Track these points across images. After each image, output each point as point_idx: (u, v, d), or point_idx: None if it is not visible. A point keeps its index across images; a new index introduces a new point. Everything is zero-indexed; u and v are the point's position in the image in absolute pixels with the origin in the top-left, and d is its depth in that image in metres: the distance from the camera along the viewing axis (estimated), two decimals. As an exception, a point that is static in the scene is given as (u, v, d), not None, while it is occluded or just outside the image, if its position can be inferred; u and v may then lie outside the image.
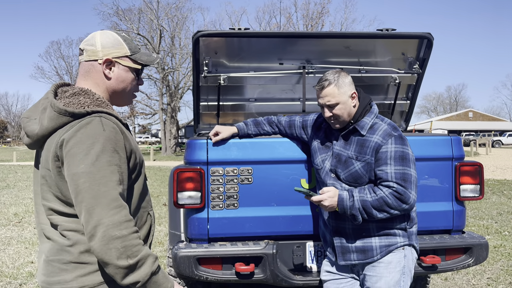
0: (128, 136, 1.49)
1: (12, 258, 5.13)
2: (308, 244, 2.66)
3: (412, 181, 2.09)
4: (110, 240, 1.29)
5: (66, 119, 1.41)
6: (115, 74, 1.55)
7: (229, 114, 4.13)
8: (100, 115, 1.43)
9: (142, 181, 1.57)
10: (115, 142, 1.39)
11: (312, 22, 37.33)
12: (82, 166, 1.33)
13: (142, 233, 1.56)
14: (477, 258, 2.70)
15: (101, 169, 1.34)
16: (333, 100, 2.14)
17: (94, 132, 1.37)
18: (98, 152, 1.34)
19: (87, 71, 1.54)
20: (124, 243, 1.31)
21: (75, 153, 1.35)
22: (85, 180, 1.33)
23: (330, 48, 3.58)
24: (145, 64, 1.61)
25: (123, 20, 34.70)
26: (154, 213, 1.69)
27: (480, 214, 7.73)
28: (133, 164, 1.49)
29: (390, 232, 2.18)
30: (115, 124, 1.44)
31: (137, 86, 1.64)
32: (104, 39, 1.54)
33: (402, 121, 4.16)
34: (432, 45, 3.36)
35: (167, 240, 5.79)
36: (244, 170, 2.61)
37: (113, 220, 1.31)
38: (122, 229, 1.31)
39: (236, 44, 3.47)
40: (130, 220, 1.35)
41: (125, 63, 1.56)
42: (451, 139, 2.75)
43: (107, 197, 1.32)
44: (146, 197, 1.60)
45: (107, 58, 1.53)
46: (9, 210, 8.33)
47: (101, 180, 1.33)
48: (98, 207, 1.31)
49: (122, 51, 1.55)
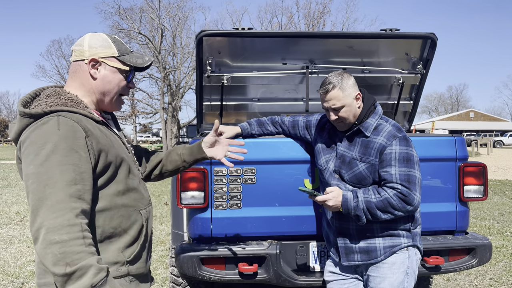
0: (96, 134, 1.44)
1: (14, 257, 5.13)
2: (312, 245, 2.66)
3: (416, 182, 2.08)
4: (48, 244, 1.22)
5: (27, 121, 1.40)
6: (101, 74, 1.54)
7: (232, 114, 4.12)
8: (59, 114, 1.39)
9: (123, 179, 1.52)
10: (73, 141, 1.35)
11: (314, 21, 37.29)
12: (31, 167, 1.31)
13: (131, 233, 1.53)
14: (481, 259, 2.70)
15: (49, 170, 1.29)
16: (338, 104, 2.13)
17: (47, 132, 1.34)
18: (49, 152, 1.31)
19: (74, 71, 1.55)
20: (63, 248, 1.22)
21: (28, 153, 1.33)
22: (33, 181, 1.29)
23: (333, 48, 3.57)
24: (135, 67, 1.59)
25: (124, 19, 34.69)
26: (150, 212, 1.65)
27: (482, 214, 7.72)
28: (104, 163, 1.44)
29: (394, 233, 2.17)
30: (77, 121, 1.39)
31: (126, 89, 1.61)
32: (92, 39, 1.55)
33: (406, 122, 4.16)
34: (436, 45, 3.35)
35: (169, 239, 5.79)
36: (248, 170, 2.60)
37: (54, 224, 1.24)
38: (62, 233, 1.23)
39: (240, 44, 3.46)
40: (75, 225, 1.26)
41: (112, 64, 1.54)
42: (455, 140, 2.74)
43: (52, 199, 1.26)
44: (133, 195, 1.55)
45: (93, 58, 1.52)
46: (11, 209, 8.34)
47: (48, 181, 1.28)
48: (42, 209, 1.26)
49: (109, 51, 1.54)
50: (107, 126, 1.57)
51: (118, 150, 1.53)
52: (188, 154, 1.94)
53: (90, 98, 1.56)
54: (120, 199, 1.50)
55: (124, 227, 1.51)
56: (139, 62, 1.60)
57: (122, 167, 1.52)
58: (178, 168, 1.95)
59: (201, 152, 1.93)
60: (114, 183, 1.49)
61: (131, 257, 1.53)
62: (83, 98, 1.54)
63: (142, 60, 1.61)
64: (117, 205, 1.49)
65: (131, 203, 1.54)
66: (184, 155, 1.94)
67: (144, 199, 1.62)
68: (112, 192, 1.48)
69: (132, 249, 1.54)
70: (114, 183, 1.49)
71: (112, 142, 1.52)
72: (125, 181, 1.53)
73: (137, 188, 1.60)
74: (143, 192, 1.64)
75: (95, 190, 1.42)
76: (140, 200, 1.59)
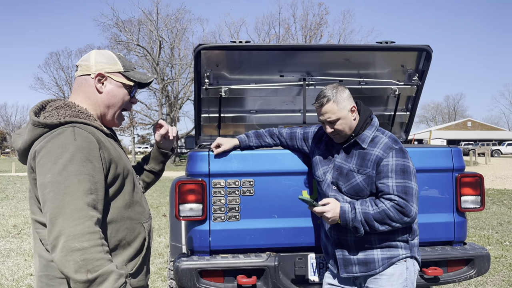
0: (107, 146, 1.48)
1: (12, 271, 5.10)
2: (310, 256, 2.66)
3: (413, 194, 2.10)
4: (69, 252, 1.24)
5: (41, 131, 1.43)
6: (107, 88, 1.58)
7: (230, 126, 4.15)
8: (74, 125, 1.43)
9: (130, 191, 1.55)
10: (88, 151, 1.38)
11: (311, 32, 37.64)
12: (48, 176, 1.33)
13: (135, 246, 1.54)
14: (479, 269, 2.70)
15: (67, 179, 1.31)
16: (333, 117, 2.15)
17: (64, 142, 1.37)
18: (66, 162, 1.33)
19: (79, 85, 1.58)
20: (84, 256, 1.25)
21: (44, 163, 1.35)
22: (50, 190, 1.31)
23: (330, 60, 3.61)
24: (139, 82, 1.64)
25: (123, 31, 34.96)
26: (151, 225, 1.67)
27: (480, 224, 7.72)
28: (113, 174, 1.47)
29: (392, 244, 2.18)
30: (91, 133, 1.43)
31: (129, 104, 1.66)
32: (99, 55, 1.59)
33: (402, 132, 4.19)
34: (431, 57, 3.39)
35: (167, 251, 5.76)
36: (246, 182, 2.61)
37: (74, 231, 1.26)
38: (83, 241, 1.25)
39: (237, 56, 3.50)
40: (94, 232, 1.29)
41: (117, 79, 1.59)
42: (451, 151, 2.76)
43: (70, 207, 1.28)
44: (137, 208, 1.58)
45: (99, 73, 1.56)
46: (8, 221, 8.30)
47: (66, 189, 1.30)
48: (61, 217, 1.27)
49: (115, 67, 1.59)
50: (114, 139, 1.62)
51: (125, 162, 1.57)
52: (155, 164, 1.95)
53: (95, 111, 1.59)
54: (126, 212, 1.53)
55: (129, 240, 1.53)
56: (143, 78, 1.65)
57: (128, 179, 1.56)
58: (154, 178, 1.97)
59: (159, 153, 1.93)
60: (121, 194, 1.52)
61: (133, 269, 1.54)
62: (90, 111, 1.57)
63: (145, 76, 1.67)
64: (123, 217, 1.51)
65: (135, 216, 1.57)
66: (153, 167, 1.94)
67: (145, 212, 1.64)
68: (120, 204, 1.51)
69: (134, 262, 1.55)
70: (122, 194, 1.52)
71: (120, 154, 1.56)
72: (131, 193, 1.56)
73: (140, 201, 1.62)
74: (144, 205, 1.66)
75: (105, 201, 1.44)
76: (143, 213, 1.62)
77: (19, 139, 1.51)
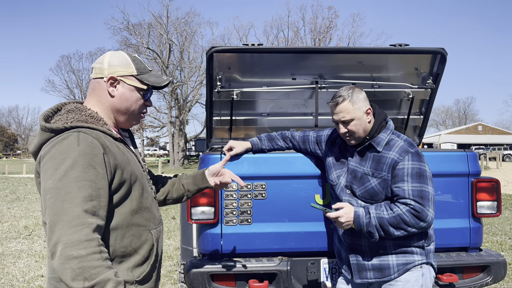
0: (114, 151, 1.46)
1: (23, 272, 5.12)
2: (323, 261, 2.63)
3: (429, 198, 2.06)
4: (66, 259, 1.24)
5: (47, 135, 1.42)
6: (119, 92, 1.56)
7: (241, 129, 4.14)
8: (79, 130, 1.42)
9: (137, 197, 1.53)
10: (91, 157, 1.36)
11: (320, 36, 37.56)
12: (50, 182, 1.32)
13: (142, 253, 1.52)
14: (495, 276, 2.65)
15: (67, 185, 1.30)
16: (348, 116, 2.13)
17: (67, 148, 1.36)
18: (67, 168, 1.32)
19: (93, 88, 1.58)
20: (81, 263, 1.23)
21: (47, 168, 1.35)
22: (51, 196, 1.31)
23: (343, 63, 3.59)
24: (153, 85, 1.62)
25: (133, 35, 35.25)
26: (161, 232, 1.65)
27: (493, 229, 7.60)
28: (119, 180, 1.45)
29: (408, 250, 2.14)
30: (96, 138, 1.42)
31: (143, 107, 1.64)
32: (112, 58, 1.58)
33: (416, 136, 4.14)
34: (445, 60, 3.35)
35: (176, 254, 5.76)
36: (258, 186, 2.60)
37: (72, 239, 1.25)
38: (80, 248, 1.24)
39: (249, 59, 3.49)
40: (92, 240, 1.27)
41: (130, 82, 1.57)
42: (467, 155, 2.72)
43: (69, 214, 1.27)
44: (145, 214, 1.56)
45: (111, 76, 1.55)
46: (19, 223, 8.37)
47: (65, 196, 1.29)
48: (59, 224, 1.27)
49: (128, 70, 1.57)
50: (124, 143, 1.59)
51: (133, 168, 1.54)
52: (191, 184, 2.00)
53: (108, 115, 1.58)
54: (132, 218, 1.51)
55: (135, 247, 1.51)
56: (157, 81, 1.63)
57: (136, 185, 1.53)
58: (182, 197, 2.00)
59: (204, 182, 2.00)
60: (128, 200, 1.50)
61: (141, 277, 1.52)
62: (101, 114, 1.56)
63: (160, 79, 1.64)
64: (129, 224, 1.49)
65: (143, 223, 1.54)
66: (188, 185, 1.99)
67: (155, 218, 1.62)
68: (126, 210, 1.49)
69: (142, 269, 1.53)
70: (128, 200, 1.50)
71: (128, 159, 1.54)
72: (139, 199, 1.54)
73: (150, 207, 1.60)
74: (154, 211, 1.64)
75: (110, 208, 1.43)
76: (152, 220, 1.59)
77: (32, 141, 1.51)
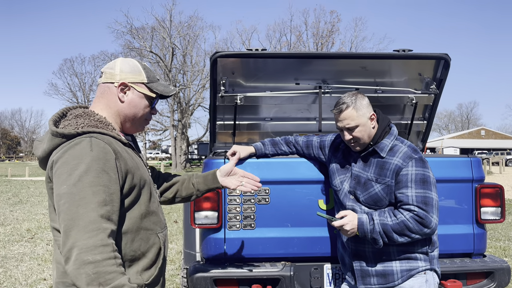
0: (124, 156, 1.47)
1: (25, 275, 5.13)
2: (326, 267, 2.62)
3: (433, 204, 2.06)
4: (81, 264, 1.24)
5: (59, 141, 1.43)
6: (128, 98, 1.58)
7: (244, 133, 4.14)
8: (91, 135, 1.43)
9: (146, 201, 1.54)
10: (104, 162, 1.38)
11: (322, 40, 37.66)
12: (64, 187, 1.33)
13: (150, 257, 1.54)
14: (499, 283, 2.64)
15: (82, 190, 1.31)
16: (352, 123, 2.13)
17: (80, 153, 1.37)
18: (82, 173, 1.33)
19: (102, 92, 1.59)
20: (97, 269, 1.24)
21: (60, 173, 1.35)
22: (65, 201, 1.31)
23: (346, 68, 3.59)
24: (160, 95, 1.64)
25: (136, 38, 35.39)
26: (166, 235, 1.66)
27: (496, 235, 7.57)
28: (130, 185, 1.47)
29: (411, 256, 2.14)
30: (108, 143, 1.43)
31: (149, 114, 1.67)
32: (124, 64, 1.60)
33: (419, 141, 4.13)
34: (449, 65, 3.35)
35: (179, 258, 5.75)
36: (262, 190, 2.60)
37: (87, 244, 1.26)
38: (96, 254, 1.25)
39: (253, 64, 3.50)
40: (107, 245, 1.29)
41: (140, 90, 1.59)
42: (471, 161, 2.71)
43: (84, 219, 1.28)
44: (152, 218, 1.57)
45: (122, 82, 1.57)
46: (22, 225, 8.37)
47: (80, 201, 1.30)
48: (74, 229, 1.27)
49: (139, 77, 1.59)
50: (132, 148, 1.61)
51: (142, 173, 1.56)
52: (202, 183, 2.01)
53: (115, 120, 1.60)
54: (142, 222, 1.52)
55: (143, 250, 1.52)
56: (165, 90, 1.66)
57: (145, 189, 1.55)
58: (192, 195, 2.02)
59: (215, 182, 2.02)
60: (138, 205, 1.51)
61: (150, 280, 1.53)
62: (109, 119, 1.58)
63: (168, 89, 1.67)
64: (139, 228, 1.51)
65: (150, 226, 1.56)
66: (198, 184, 2.00)
67: (161, 222, 1.64)
68: (136, 215, 1.50)
69: (150, 272, 1.55)
70: (138, 205, 1.51)
71: (137, 164, 1.55)
72: (147, 203, 1.55)
73: (156, 211, 1.62)
74: (160, 215, 1.65)
75: (121, 212, 1.44)
76: (158, 224, 1.61)
77: (39, 146, 1.51)
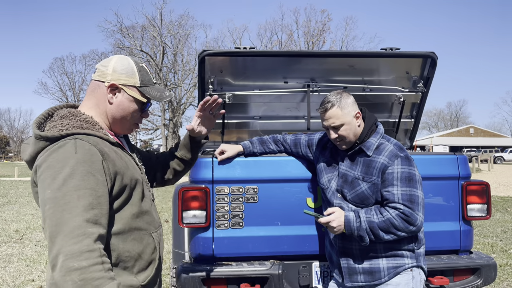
0: (112, 157, 1.42)
1: (13, 276, 5.07)
2: (314, 265, 2.63)
3: (419, 202, 2.07)
4: (67, 271, 1.19)
5: (43, 144, 1.38)
6: (117, 100, 1.53)
7: (233, 132, 4.13)
8: (76, 137, 1.38)
9: (137, 201, 1.51)
10: (90, 165, 1.33)
11: (313, 39, 37.79)
12: (48, 192, 1.28)
13: (145, 257, 1.51)
14: (486, 279, 2.67)
15: (66, 194, 1.26)
16: (337, 122, 2.14)
17: (64, 156, 1.32)
18: (66, 176, 1.28)
19: (93, 90, 1.55)
20: (83, 275, 1.19)
21: (45, 178, 1.31)
22: (50, 207, 1.26)
23: (334, 67, 3.60)
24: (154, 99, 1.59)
25: (126, 37, 35.21)
26: (161, 235, 1.63)
27: (484, 232, 7.66)
28: (120, 186, 1.42)
29: (398, 253, 2.15)
30: (94, 144, 1.38)
31: (140, 118, 1.62)
32: (118, 64, 1.53)
33: (407, 139, 4.16)
34: (436, 64, 3.38)
35: (169, 258, 5.73)
36: (250, 189, 2.59)
37: (73, 250, 1.21)
38: (81, 260, 1.20)
39: (241, 63, 3.49)
40: (93, 250, 1.23)
41: (131, 93, 1.54)
42: (457, 158, 2.74)
43: (69, 225, 1.23)
44: (145, 218, 1.54)
45: (113, 83, 1.51)
46: (10, 226, 8.27)
47: (65, 206, 1.25)
48: (60, 235, 1.23)
49: (131, 80, 1.53)
50: (122, 147, 1.56)
51: (133, 172, 1.51)
52: (187, 151, 1.97)
53: (103, 119, 1.55)
54: (134, 222, 1.49)
55: (138, 251, 1.49)
56: (159, 96, 1.59)
57: (136, 190, 1.51)
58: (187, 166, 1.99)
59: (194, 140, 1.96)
60: (129, 205, 1.47)
61: (146, 281, 1.50)
62: (97, 118, 1.53)
63: (162, 95, 1.61)
64: (131, 228, 1.47)
65: (144, 226, 1.52)
66: (186, 154, 1.97)
67: (155, 221, 1.60)
68: (127, 215, 1.46)
69: (146, 273, 1.52)
70: (129, 205, 1.48)
71: (127, 164, 1.51)
72: (139, 203, 1.51)
73: (149, 210, 1.58)
74: (154, 214, 1.62)
75: (111, 213, 1.40)
76: (152, 223, 1.57)
77: (26, 149, 1.47)
